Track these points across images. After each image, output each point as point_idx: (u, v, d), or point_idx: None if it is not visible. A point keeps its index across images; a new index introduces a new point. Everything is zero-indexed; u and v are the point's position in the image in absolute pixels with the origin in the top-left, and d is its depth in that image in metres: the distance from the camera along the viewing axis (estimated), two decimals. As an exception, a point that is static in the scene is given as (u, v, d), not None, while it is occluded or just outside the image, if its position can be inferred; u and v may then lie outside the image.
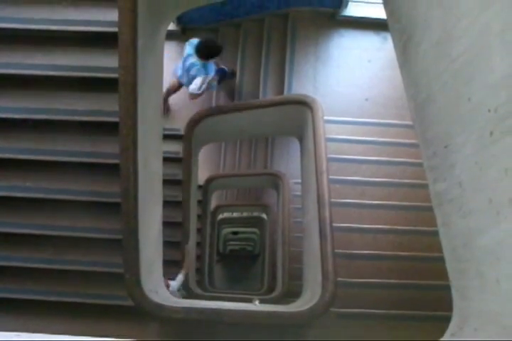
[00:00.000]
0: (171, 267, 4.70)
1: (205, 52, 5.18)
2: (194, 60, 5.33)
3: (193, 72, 5.38)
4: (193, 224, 5.84)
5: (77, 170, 3.48)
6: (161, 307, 3.05)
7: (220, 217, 10.50)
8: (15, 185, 3.47)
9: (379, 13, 6.57)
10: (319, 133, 4.44)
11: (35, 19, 3.45)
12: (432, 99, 1.97)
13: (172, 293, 4.57)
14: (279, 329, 3.61)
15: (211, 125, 4.98)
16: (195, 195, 5.88)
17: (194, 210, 5.89)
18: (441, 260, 2.18)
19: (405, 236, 5.44)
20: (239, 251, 15.55)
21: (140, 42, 2.47)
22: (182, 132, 5.12)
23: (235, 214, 11.08)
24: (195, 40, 5.32)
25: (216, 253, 11.86)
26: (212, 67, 5.49)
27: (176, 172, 5.46)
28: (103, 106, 3.38)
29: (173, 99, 6.80)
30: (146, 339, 3.54)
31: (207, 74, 5.38)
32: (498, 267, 1.58)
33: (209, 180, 7.30)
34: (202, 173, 6.69)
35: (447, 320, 2.08)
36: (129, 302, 3.03)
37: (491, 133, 1.47)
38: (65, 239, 3.51)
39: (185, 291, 5.35)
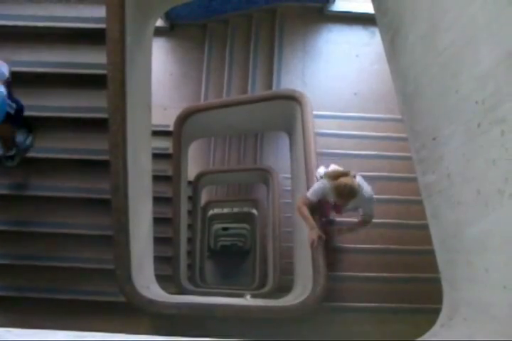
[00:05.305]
0: (162, 263, 4.69)
1: None
2: None
3: None
4: (184, 220, 5.84)
5: (67, 166, 3.47)
6: (152, 302, 3.05)
7: (211, 212, 10.50)
8: (4, 182, 3.45)
9: (367, 7, 6.58)
10: (308, 127, 4.45)
11: (23, 16, 3.42)
12: (420, 92, 1.98)
13: None
14: (271, 324, 3.62)
15: (200, 121, 4.98)
16: (185, 191, 5.88)
17: (184, 206, 5.89)
18: (431, 253, 2.20)
19: (396, 230, 5.45)
20: (230, 247, 15.55)
21: (128, 39, 2.47)
22: (171, 128, 5.12)
23: (225, 210, 11.07)
24: None
25: (207, 249, 11.87)
26: None
27: (166, 168, 5.46)
28: (92, 103, 3.36)
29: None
30: (139, 335, 3.54)
31: None
32: (486, 257, 1.60)
33: (199, 176, 7.30)
34: (192, 169, 6.69)
35: (438, 312, 2.10)
36: (121, 298, 3.03)
37: (479, 125, 1.48)
38: (56, 235, 3.49)
39: None
